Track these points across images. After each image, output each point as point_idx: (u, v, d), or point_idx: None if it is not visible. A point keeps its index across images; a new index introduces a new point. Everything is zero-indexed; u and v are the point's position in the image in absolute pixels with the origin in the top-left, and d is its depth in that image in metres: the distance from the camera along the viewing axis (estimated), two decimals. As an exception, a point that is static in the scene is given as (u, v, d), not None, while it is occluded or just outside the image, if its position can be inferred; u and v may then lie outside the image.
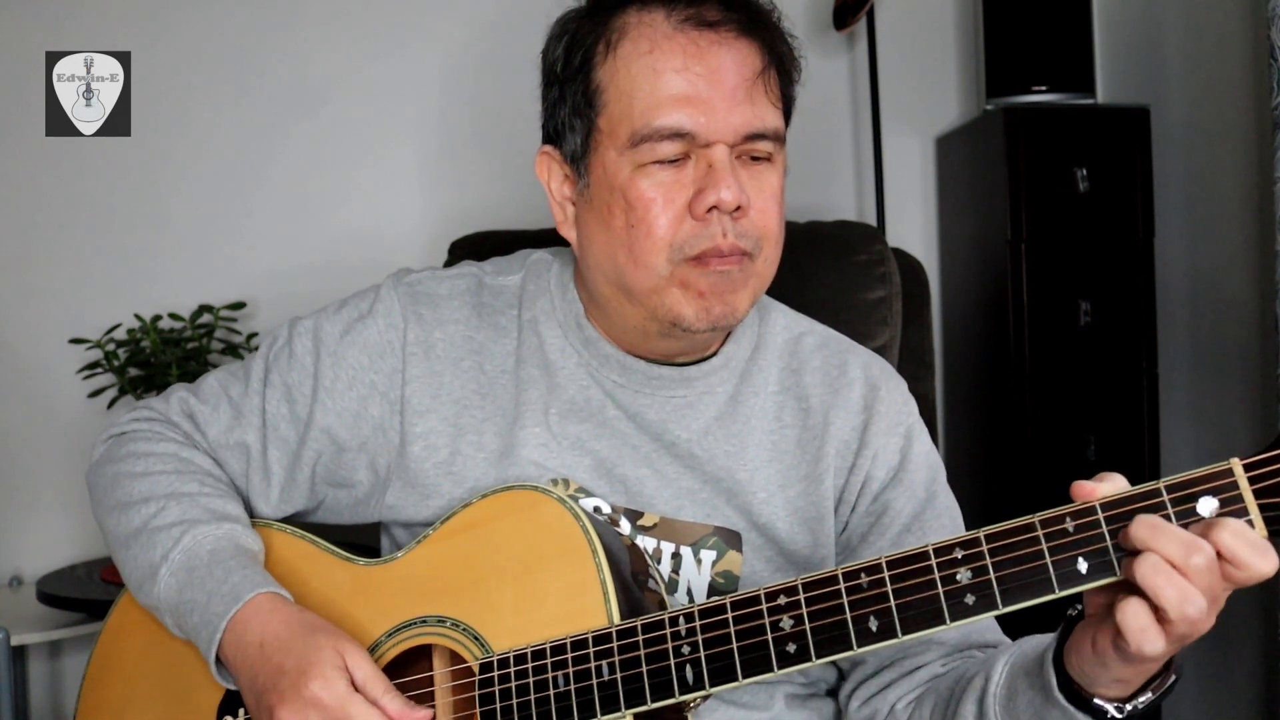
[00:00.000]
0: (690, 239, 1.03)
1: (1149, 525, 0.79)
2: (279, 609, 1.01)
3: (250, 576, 1.04)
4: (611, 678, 0.92)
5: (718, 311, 1.05)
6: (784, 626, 0.88)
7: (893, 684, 1.11)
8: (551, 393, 1.13)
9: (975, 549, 0.84)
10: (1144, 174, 2.39)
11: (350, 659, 0.96)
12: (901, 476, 1.16)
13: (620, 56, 1.04)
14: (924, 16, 2.79)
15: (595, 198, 1.07)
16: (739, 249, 1.04)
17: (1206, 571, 0.78)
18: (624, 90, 1.04)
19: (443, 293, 1.18)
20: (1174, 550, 0.77)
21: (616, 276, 1.07)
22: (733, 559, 1.12)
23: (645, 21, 1.04)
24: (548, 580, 0.98)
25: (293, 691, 0.94)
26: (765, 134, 1.05)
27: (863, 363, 1.20)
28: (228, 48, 2.50)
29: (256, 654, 0.99)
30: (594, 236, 1.08)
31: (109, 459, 1.17)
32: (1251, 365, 2.25)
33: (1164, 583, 0.77)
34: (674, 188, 1.03)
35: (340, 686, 0.94)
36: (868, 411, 1.16)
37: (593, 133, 1.06)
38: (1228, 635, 2.34)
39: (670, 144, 1.02)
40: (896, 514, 1.14)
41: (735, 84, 1.03)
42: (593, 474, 1.12)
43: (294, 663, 0.95)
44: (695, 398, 1.14)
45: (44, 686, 2.39)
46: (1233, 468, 0.80)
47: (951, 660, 1.10)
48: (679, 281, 1.04)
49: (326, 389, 1.14)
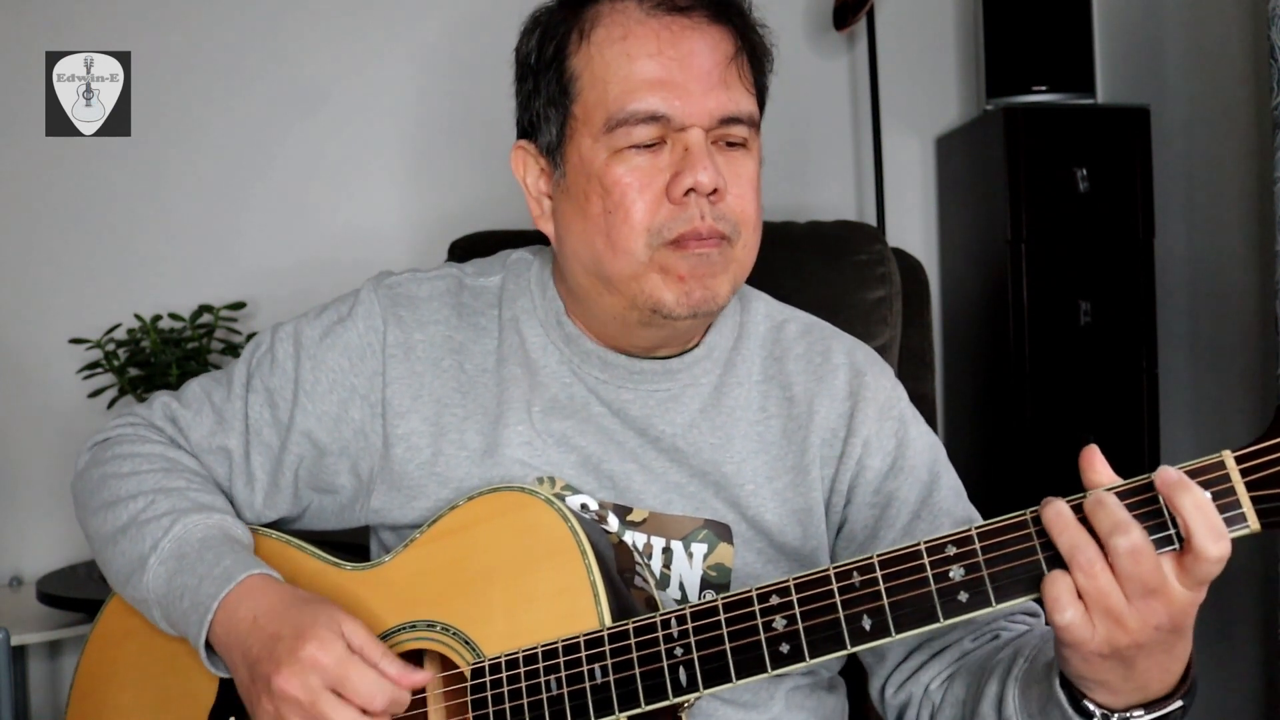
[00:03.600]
0: (668, 222, 1.02)
1: (1094, 500, 0.80)
2: (272, 586, 1.01)
3: (242, 559, 1.03)
4: (604, 680, 0.91)
5: (698, 296, 1.04)
6: (777, 626, 0.88)
7: (924, 666, 1.10)
8: (534, 390, 1.13)
9: (968, 545, 0.84)
10: (1144, 174, 2.39)
11: (346, 626, 0.95)
12: (901, 464, 1.14)
13: (594, 43, 1.04)
14: (924, 16, 2.79)
15: (572, 186, 1.07)
16: (718, 232, 1.03)
17: (1127, 555, 0.78)
18: (598, 76, 1.04)
19: (422, 294, 1.18)
20: (1102, 524, 0.79)
21: (595, 265, 1.06)
22: (724, 551, 1.11)
23: (618, 9, 1.05)
24: (537, 583, 0.98)
25: (289, 655, 0.92)
26: (740, 118, 1.05)
27: (846, 349, 1.19)
28: (227, 48, 2.50)
29: (249, 626, 0.97)
30: (571, 226, 1.08)
31: (94, 463, 1.17)
32: (1251, 365, 2.25)
33: (1078, 554, 0.79)
34: (650, 172, 1.03)
35: (338, 647, 0.93)
36: (853, 398, 1.15)
37: (568, 121, 1.06)
38: (1228, 635, 2.34)
39: (645, 128, 1.02)
40: (903, 503, 1.13)
41: (709, 68, 1.03)
42: (579, 470, 1.11)
43: (290, 629, 0.94)
44: (679, 390, 1.14)
45: (44, 686, 2.39)
46: (1224, 460, 0.80)
47: (982, 635, 1.09)
48: (658, 266, 1.03)
49: (307, 392, 1.14)
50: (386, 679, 0.92)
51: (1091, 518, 0.80)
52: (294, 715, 0.92)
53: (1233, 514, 0.79)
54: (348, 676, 0.92)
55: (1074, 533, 0.80)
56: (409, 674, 0.94)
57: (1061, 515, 0.81)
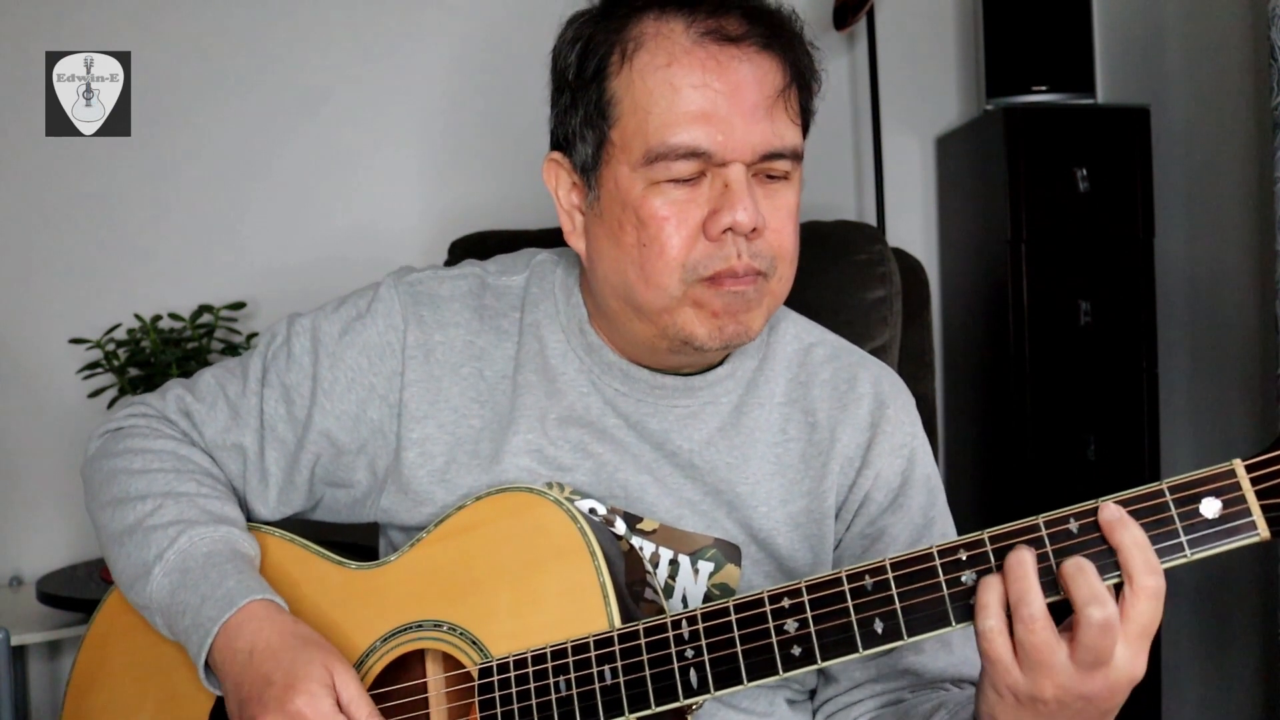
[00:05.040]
0: (704, 260, 1.00)
1: (1074, 565, 0.80)
2: (273, 617, 1.00)
3: (245, 582, 1.02)
4: (614, 682, 0.91)
5: (731, 330, 1.02)
6: (789, 629, 0.87)
7: (860, 702, 1.11)
8: (550, 398, 1.12)
9: (979, 549, 0.84)
10: (1144, 174, 2.39)
11: (339, 678, 0.94)
12: (901, 502, 1.14)
13: (636, 68, 1.00)
14: (924, 16, 2.79)
15: (606, 211, 1.04)
16: (754, 269, 1.01)
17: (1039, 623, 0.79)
18: (639, 103, 1.00)
19: (444, 294, 1.16)
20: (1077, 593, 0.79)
21: (626, 293, 1.04)
22: (730, 572, 1.10)
23: (663, 32, 1.00)
24: (546, 583, 0.97)
25: (276, 704, 0.92)
26: (784, 153, 1.01)
27: (873, 377, 1.17)
28: (228, 48, 2.49)
29: (245, 661, 0.97)
30: (603, 251, 1.05)
31: (105, 454, 1.15)
32: (1251, 365, 2.25)
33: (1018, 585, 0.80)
34: (688, 206, 1.00)
35: (325, 704, 0.92)
36: (873, 429, 1.13)
37: (605, 145, 1.03)
38: (1228, 635, 2.34)
39: (686, 163, 0.99)
40: (893, 540, 1.12)
41: (755, 102, 0.99)
42: (591, 478, 1.10)
43: (281, 675, 0.94)
44: (699, 408, 1.12)
45: (44, 686, 2.39)
46: (1235, 469, 0.80)
47: (922, 691, 1.09)
48: (692, 301, 1.01)
49: (325, 391, 1.12)
50: None
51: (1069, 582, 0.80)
52: None
53: (1243, 522, 0.80)
54: None
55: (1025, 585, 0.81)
56: None
57: (1024, 563, 0.81)
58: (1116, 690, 0.81)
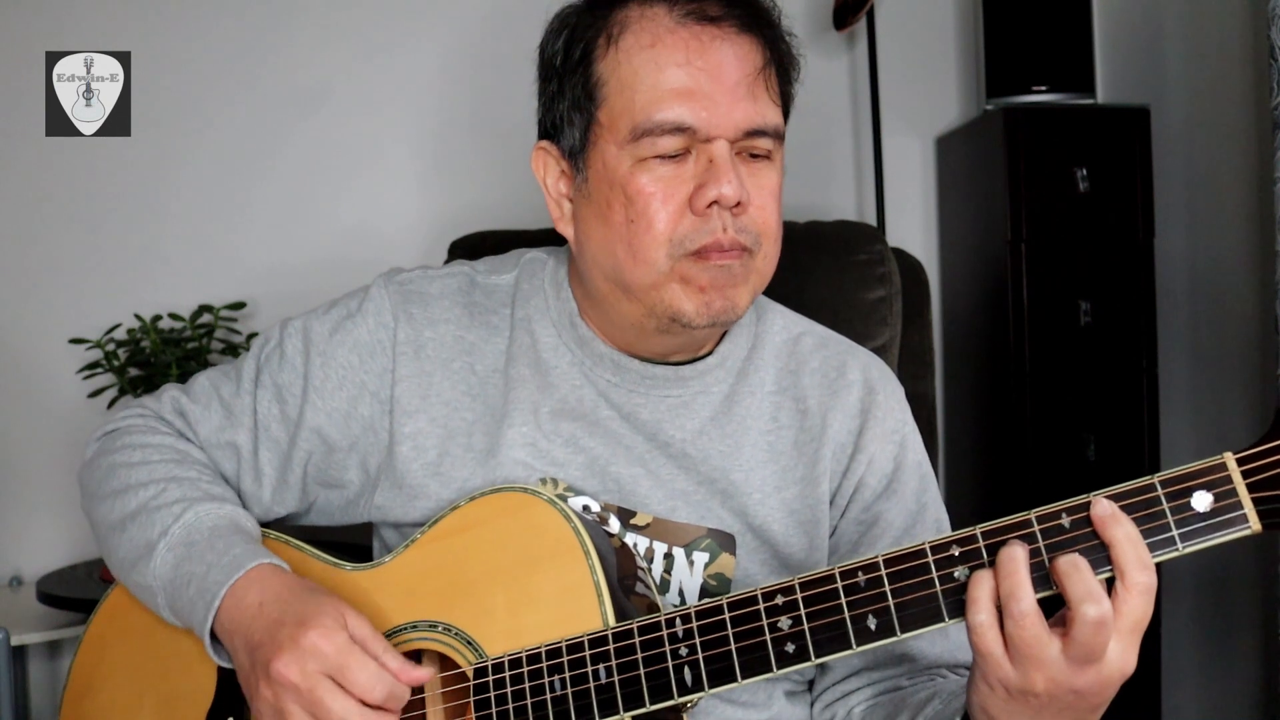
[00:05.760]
0: (690, 234, 1.02)
1: (1069, 563, 0.81)
2: (280, 575, 1.01)
3: (251, 549, 1.03)
4: (609, 681, 0.91)
5: (718, 306, 1.04)
6: (782, 626, 0.88)
7: (856, 690, 1.12)
8: (543, 392, 1.13)
9: (971, 545, 0.84)
10: (1144, 174, 2.39)
11: (350, 618, 0.95)
12: (895, 488, 1.15)
13: (622, 49, 1.04)
14: (924, 16, 2.79)
15: (594, 192, 1.07)
16: (739, 244, 1.03)
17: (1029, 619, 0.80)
18: (625, 83, 1.03)
19: (434, 291, 1.17)
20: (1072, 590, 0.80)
21: (615, 272, 1.06)
22: (725, 561, 1.11)
23: (647, 15, 1.04)
24: (540, 583, 0.97)
25: (290, 641, 0.92)
26: (766, 130, 1.05)
27: (862, 365, 1.19)
28: (228, 48, 2.50)
29: (255, 612, 0.97)
30: (592, 232, 1.08)
31: (103, 453, 1.17)
32: (1251, 365, 2.25)
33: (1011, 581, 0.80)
34: (674, 182, 1.02)
35: (341, 637, 0.92)
36: (864, 415, 1.15)
37: (592, 126, 1.06)
38: (1228, 635, 2.34)
39: (671, 138, 1.02)
40: (888, 525, 1.14)
41: (737, 79, 1.02)
42: (585, 473, 1.11)
43: (293, 616, 0.94)
44: (690, 397, 1.14)
45: (44, 686, 2.39)
46: (1226, 462, 0.81)
47: (919, 677, 1.10)
48: (679, 276, 1.03)
49: (316, 389, 1.14)
50: (387, 672, 0.92)
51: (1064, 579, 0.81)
52: (291, 702, 0.91)
53: (1234, 515, 0.80)
54: (348, 666, 0.91)
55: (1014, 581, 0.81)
56: (409, 669, 0.93)
57: (1015, 559, 0.81)
58: (1107, 685, 0.82)
